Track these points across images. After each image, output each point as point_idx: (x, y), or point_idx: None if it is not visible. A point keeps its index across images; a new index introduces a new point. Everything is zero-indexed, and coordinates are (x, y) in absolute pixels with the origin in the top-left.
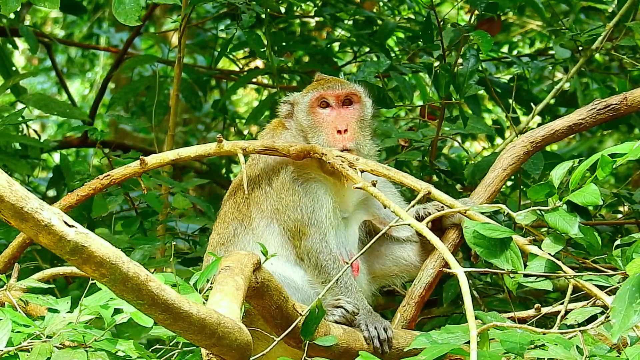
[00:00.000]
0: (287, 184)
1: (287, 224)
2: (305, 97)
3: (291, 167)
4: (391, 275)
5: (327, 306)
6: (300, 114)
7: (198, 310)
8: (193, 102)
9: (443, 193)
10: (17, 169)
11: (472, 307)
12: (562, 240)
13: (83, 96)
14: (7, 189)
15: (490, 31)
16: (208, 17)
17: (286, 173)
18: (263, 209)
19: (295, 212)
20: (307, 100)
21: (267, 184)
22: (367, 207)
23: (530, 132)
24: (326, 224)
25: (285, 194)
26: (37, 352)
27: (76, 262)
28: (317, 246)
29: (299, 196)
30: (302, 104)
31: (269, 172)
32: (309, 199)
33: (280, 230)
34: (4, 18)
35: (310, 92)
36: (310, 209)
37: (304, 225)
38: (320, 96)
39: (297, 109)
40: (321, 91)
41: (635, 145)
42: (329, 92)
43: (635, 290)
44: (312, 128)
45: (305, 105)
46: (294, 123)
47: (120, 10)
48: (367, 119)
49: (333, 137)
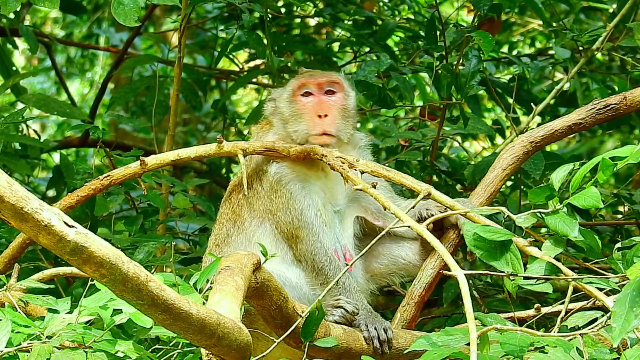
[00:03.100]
0: (274, 186)
1: (280, 227)
2: (287, 87)
3: (275, 166)
4: (389, 273)
5: (326, 306)
6: (282, 104)
7: (198, 310)
8: (193, 102)
9: (443, 194)
10: (17, 169)
11: (472, 309)
12: (562, 242)
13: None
14: (7, 189)
15: (490, 31)
16: (208, 17)
17: (271, 173)
18: (255, 209)
19: (285, 214)
20: (289, 90)
21: (258, 184)
22: (358, 200)
23: (530, 132)
24: (317, 224)
25: (274, 195)
26: (36, 353)
27: (76, 262)
28: (312, 248)
29: (286, 198)
30: (284, 94)
31: (259, 172)
32: (296, 201)
33: (272, 230)
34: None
35: (292, 81)
36: (298, 211)
37: (295, 228)
38: (302, 84)
39: (279, 101)
40: (302, 80)
41: (636, 149)
42: (310, 80)
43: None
44: (292, 116)
45: (288, 94)
46: (278, 117)
47: (120, 10)
48: (349, 109)
49: (313, 121)
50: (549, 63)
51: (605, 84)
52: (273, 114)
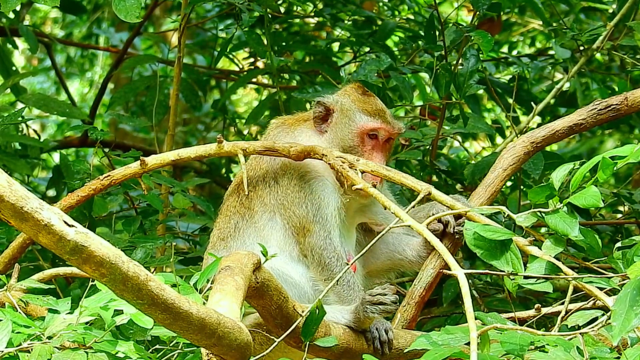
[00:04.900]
0: (294, 180)
1: (292, 220)
2: (358, 118)
3: (299, 165)
4: (386, 269)
5: (365, 304)
6: (344, 128)
7: (198, 310)
8: (193, 102)
9: (443, 194)
10: (17, 169)
11: (472, 308)
12: (563, 242)
13: (83, 96)
14: (7, 189)
15: (490, 31)
16: (208, 17)
17: (294, 170)
18: (266, 202)
19: (301, 208)
20: (360, 122)
21: (272, 179)
22: (364, 213)
23: (531, 132)
24: (331, 222)
25: (292, 189)
26: (37, 353)
27: (76, 261)
28: (322, 243)
29: (305, 193)
30: (351, 121)
31: (275, 167)
32: (316, 196)
33: (283, 224)
34: (4, 17)
35: (367, 116)
36: (316, 206)
37: (308, 222)
38: (378, 129)
39: (340, 118)
40: (380, 124)
41: (636, 148)
42: (386, 128)
43: (636, 293)
44: (352, 149)
45: (356, 126)
46: (329, 127)
47: (121, 7)
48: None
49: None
50: (548, 63)
51: (605, 84)
52: (318, 119)
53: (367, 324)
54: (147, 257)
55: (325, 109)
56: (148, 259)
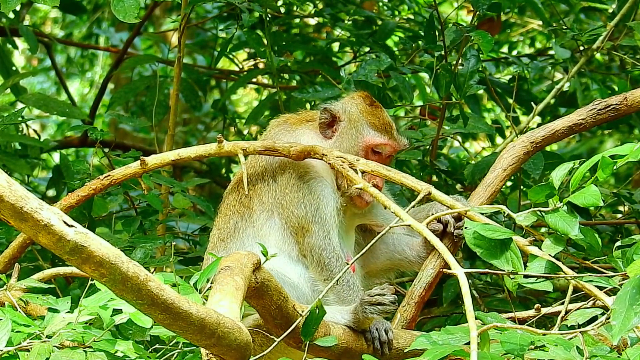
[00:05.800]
0: (292, 180)
1: (291, 220)
2: (366, 132)
3: (298, 164)
4: (385, 269)
5: (364, 304)
6: (350, 139)
7: (197, 310)
8: (193, 102)
9: (443, 194)
10: (17, 169)
11: (472, 308)
12: (562, 241)
13: (83, 96)
14: (7, 189)
15: (490, 31)
16: (208, 17)
17: (293, 169)
18: (264, 201)
19: (299, 208)
20: (367, 137)
21: (271, 178)
22: (364, 215)
23: (531, 132)
24: (330, 222)
25: (290, 189)
26: (36, 352)
27: (76, 261)
28: (321, 243)
29: (303, 193)
30: (359, 133)
31: (274, 166)
32: (314, 197)
33: (281, 224)
34: (4, 17)
35: (374, 131)
36: (314, 207)
37: (307, 222)
38: (385, 145)
39: (347, 128)
40: (387, 140)
41: (636, 147)
42: (392, 144)
43: (635, 292)
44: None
45: (363, 139)
46: (335, 135)
47: (119, 7)
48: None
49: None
50: (548, 63)
51: (605, 84)
52: (324, 125)
53: (367, 324)
54: (147, 257)
55: (332, 116)
56: (148, 259)
